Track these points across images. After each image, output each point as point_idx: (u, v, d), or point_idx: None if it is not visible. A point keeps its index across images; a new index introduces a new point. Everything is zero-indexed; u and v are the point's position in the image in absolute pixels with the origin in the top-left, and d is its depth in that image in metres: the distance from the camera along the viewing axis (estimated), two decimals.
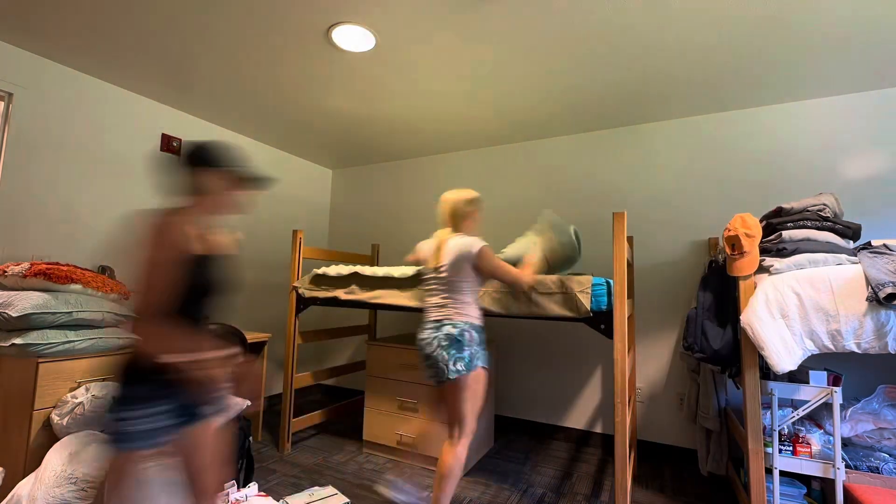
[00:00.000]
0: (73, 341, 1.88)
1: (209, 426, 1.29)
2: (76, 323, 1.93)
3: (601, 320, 1.93)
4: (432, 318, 1.80)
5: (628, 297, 2.17)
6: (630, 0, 1.77)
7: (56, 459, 1.56)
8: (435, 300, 1.82)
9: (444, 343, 1.70)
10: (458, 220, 1.86)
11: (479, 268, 1.77)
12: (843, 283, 1.61)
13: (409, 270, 2.40)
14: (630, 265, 2.70)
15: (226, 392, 1.26)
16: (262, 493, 1.73)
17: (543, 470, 2.58)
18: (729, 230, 1.84)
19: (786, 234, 1.85)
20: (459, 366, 1.69)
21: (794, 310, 1.65)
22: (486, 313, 2.09)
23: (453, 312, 1.77)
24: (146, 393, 1.13)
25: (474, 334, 1.77)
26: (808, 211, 1.90)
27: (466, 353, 1.72)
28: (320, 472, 2.46)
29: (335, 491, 1.68)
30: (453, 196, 1.89)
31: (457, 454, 1.73)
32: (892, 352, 1.53)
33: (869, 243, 1.79)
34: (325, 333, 3.10)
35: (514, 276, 1.79)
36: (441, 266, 1.81)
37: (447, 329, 1.73)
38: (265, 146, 3.69)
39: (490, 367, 1.75)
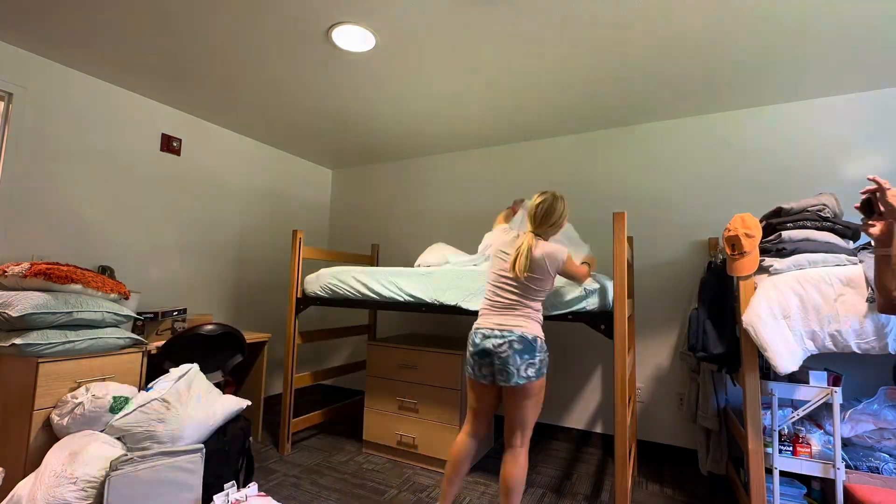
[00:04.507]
0: (73, 341, 1.88)
1: None
2: (76, 323, 1.94)
3: (601, 320, 1.93)
4: (502, 318, 1.74)
5: (628, 297, 2.17)
6: None
7: (56, 459, 1.56)
8: (506, 301, 1.76)
9: (517, 347, 1.65)
10: (547, 226, 1.80)
11: (563, 272, 1.78)
12: (844, 284, 1.60)
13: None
14: (630, 265, 2.69)
15: None
16: (262, 493, 1.73)
17: (543, 470, 2.58)
18: (729, 230, 1.84)
19: (785, 234, 1.85)
20: (530, 371, 1.66)
21: (795, 310, 1.65)
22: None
23: (526, 317, 1.74)
24: None
25: (544, 342, 1.76)
26: (807, 211, 1.89)
27: (538, 359, 1.69)
28: (320, 472, 2.46)
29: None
30: (550, 200, 1.80)
31: (522, 464, 1.69)
32: (893, 352, 1.53)
33: (869, 243, 1.79)
34: (325, 333, 3.10)
35: (583, 276, 1.84)
36: (523, 270, 1.71)
37: (522, 332, 1.68)
38: (265, 146, 3.69)
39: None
